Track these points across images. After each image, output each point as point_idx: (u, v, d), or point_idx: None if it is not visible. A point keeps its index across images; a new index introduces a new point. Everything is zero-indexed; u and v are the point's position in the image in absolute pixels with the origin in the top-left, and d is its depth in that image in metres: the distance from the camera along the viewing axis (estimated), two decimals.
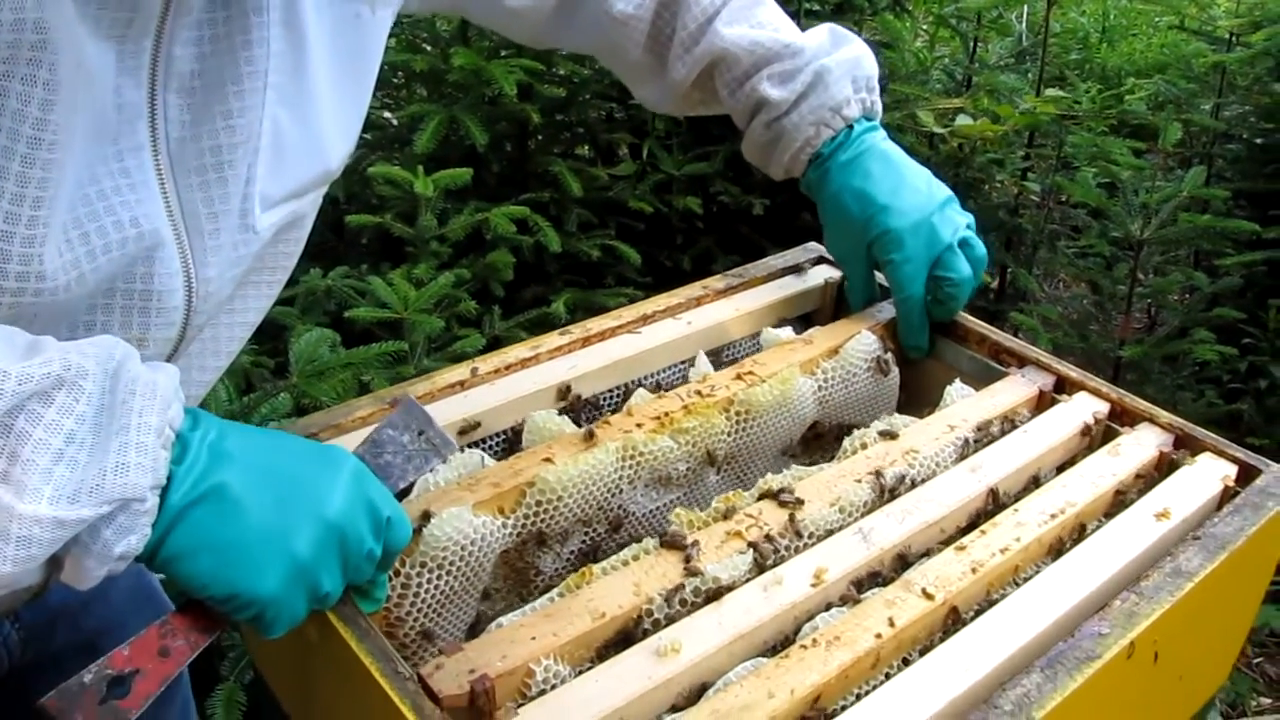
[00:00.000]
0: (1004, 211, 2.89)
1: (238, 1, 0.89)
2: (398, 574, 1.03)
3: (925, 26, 3.68)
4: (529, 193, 2.95)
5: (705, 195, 3.16)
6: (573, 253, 2.89)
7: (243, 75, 0.91)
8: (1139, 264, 2.59)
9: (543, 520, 1.11)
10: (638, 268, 2.96)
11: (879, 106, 1.41)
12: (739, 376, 1.25)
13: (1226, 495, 1.15)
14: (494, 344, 2.53)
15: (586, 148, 3.38)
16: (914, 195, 1.34)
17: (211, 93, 0.89)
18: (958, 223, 1.35)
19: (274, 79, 0.94)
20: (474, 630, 1.11)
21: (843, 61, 1.37)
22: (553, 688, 0.92)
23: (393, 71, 3.10)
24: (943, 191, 1.37)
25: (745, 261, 1.54)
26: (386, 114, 3.38)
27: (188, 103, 0.89)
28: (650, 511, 1.19)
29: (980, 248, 1.37)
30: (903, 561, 1.06)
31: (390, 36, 1.13)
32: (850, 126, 1.36)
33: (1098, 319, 2.76)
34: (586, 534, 1.16)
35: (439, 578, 1.05)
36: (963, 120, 2.53)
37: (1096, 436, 1.25)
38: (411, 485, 1.06)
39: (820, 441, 1.34)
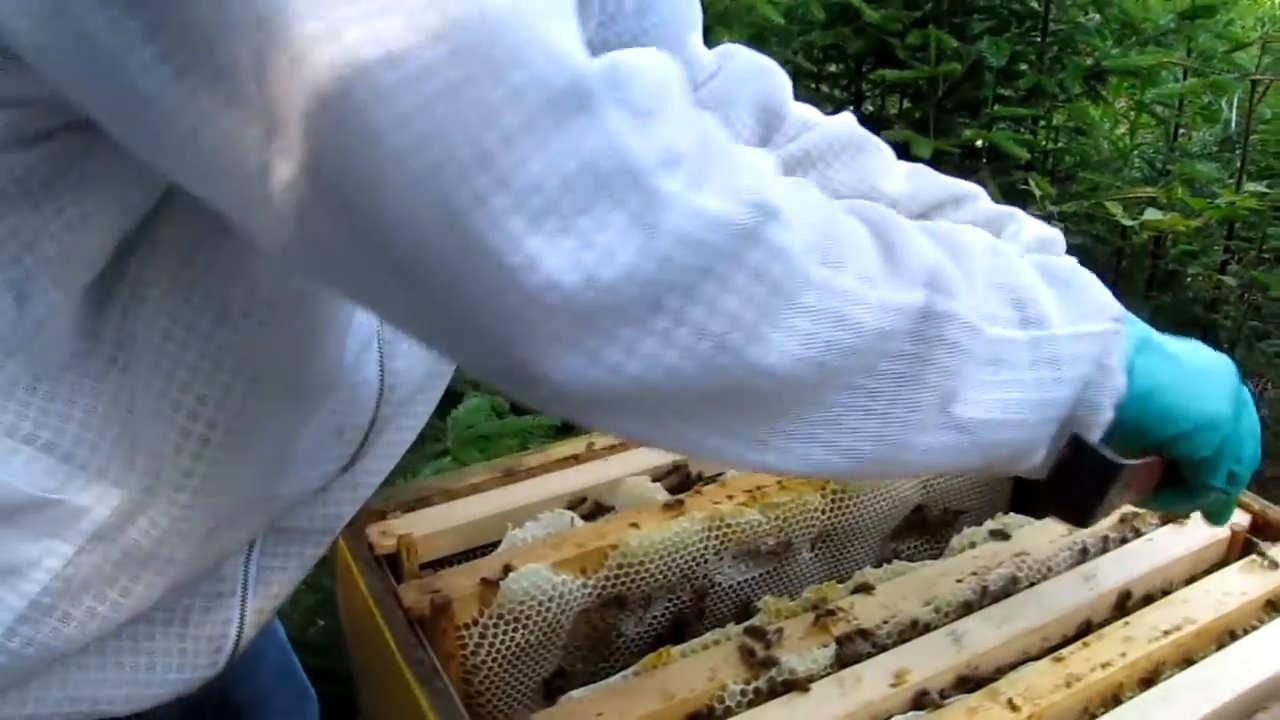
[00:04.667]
0: (1200, 307, 2.74)
1: None
2: (475, 624, 1.07)
3: (1128, 112, 3.55)
4: None
5: None
6: None
7: None
8: None
9: (624, 584, 1.12)
10: None
11: None
12: None
13: None
14: None
15: None
16: None
17: None
18: None
19: None
20: (552, 686, 1.13)
21: None
22: None
23: None
24: None
25: None
26: None
27: None
28: (739, 584, 1.19)
29: None
30: (996, 669, 1.02)
31: None
32: None
33: None
34: (671, 601, 1.16)
35: (515, 631, 1.08)
36: (1152, 214, 2.42)
37: (1235, 550, 1.17)
38: None
39: (926, 526, 1.30)
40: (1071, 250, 3.06)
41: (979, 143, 2.94)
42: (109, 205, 0.72)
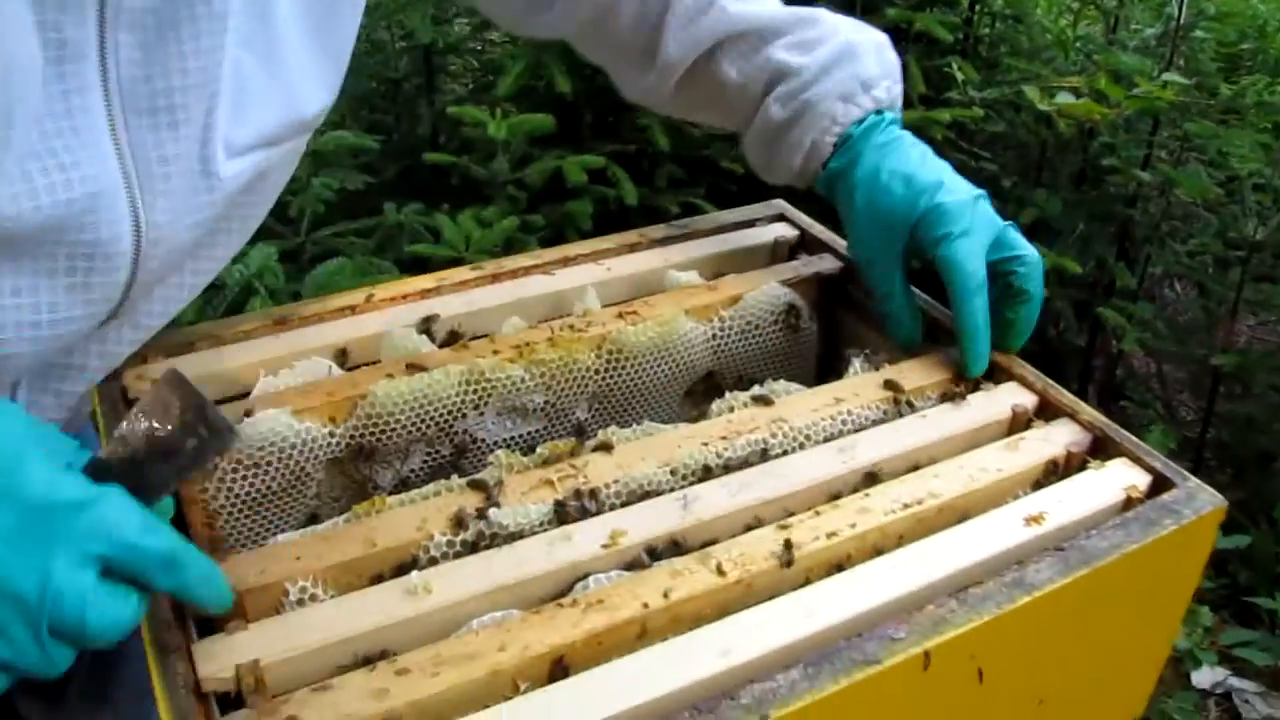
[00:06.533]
0: (1120, 204, 2.67)
1: None
2: (216, 468, 1.04)
3: (1073, 3, 3.42)
4: (621, 144, 2.91)
5: None
6: (655, 208, 2.83)
7: (199, 15, 0.89)
8: (1250, 268, 2.36)
9: (373, 435, 1.09)
10: None
11: (900, 104, 1.25)
12: (621, 315, 1.19)
13: (1128, 507, 1.03)
14: None
15: None
16: (960, 180, 1.17)
17: (165, 32, 0.88)
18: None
19: (235, 21, 0.93)
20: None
21: (868, 41, 1.23)
22: None
23: None
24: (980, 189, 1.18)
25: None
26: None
27: (139, 41, 0.87)
28: (505, 440, 1.15)
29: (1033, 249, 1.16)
30: (726, 537, 0.98)
31: None
32: (880, 113, 1.21)
33: (1204, 324, 2.54)
34: (429, 454, 1.13)
35: (255, 476, 1.05)
36: (1065, 98, 2.34)
37: (1017, 430, 1.13)
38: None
39: (719, 393, 1.26)
40: (994, 139, 2.99)
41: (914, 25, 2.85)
42: None
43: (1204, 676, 2.44)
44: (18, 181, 0.83)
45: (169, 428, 0.78)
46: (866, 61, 1.20)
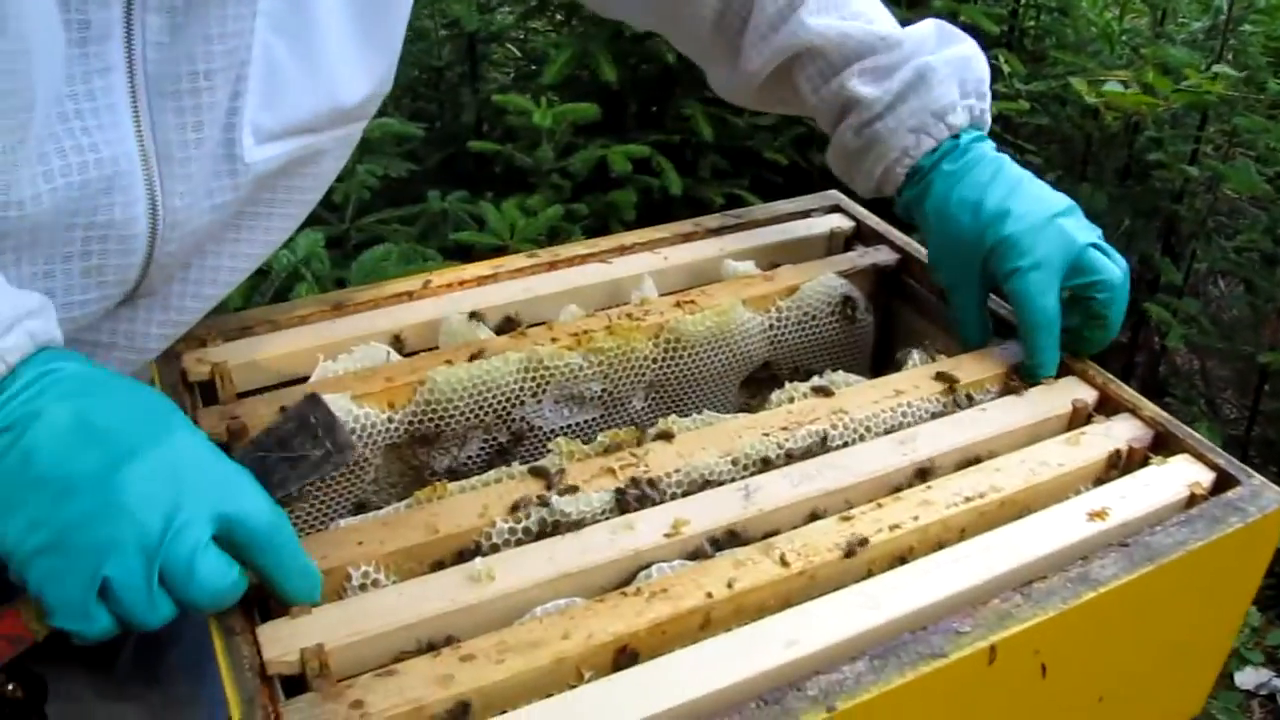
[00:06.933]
0: (1167, 198, 2.65)
1: None
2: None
3: None
4: (665, 134, 2.90)
5: None
6: (698, 198, 2.82)
7: None
8: None
9: (432, 421, 1.09)
10: None
11: (988, 116, 1.22)
12: (679, 304, 1.19)
13: (1191, 504, 1.02)
14: None
15: None
16: (1034, 201, 1.14)
17: (193, 14, 0.88)
18: (1089, 228, 1.14)
19: (267, 6, 0.93)
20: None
21: (949, 60, 1.19)
22: None
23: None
24: (1066, 199, 1.16)
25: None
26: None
27: (168, 24, 0.88)
28: (562, 428, 1.15)
29: (1122, 260, 1.14)
30: (788, 528, 0.98)
31: None
32: (956, 137, 1.19)
33: (1251, 322, 2.51)
34: (486, 441, 1.13)
35: None
36: (1113, 87, 2.31)
37: (1077, 425, 1.12)
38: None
39: (778, 384, 1.26)
40: (1039, 132, 2.96)
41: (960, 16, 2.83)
42: None
43: (1248, 677, 2.42)
44: (35, 164, 0.84)
45: (301, 435, 0.88)
46: (942, 88, 1.17)
